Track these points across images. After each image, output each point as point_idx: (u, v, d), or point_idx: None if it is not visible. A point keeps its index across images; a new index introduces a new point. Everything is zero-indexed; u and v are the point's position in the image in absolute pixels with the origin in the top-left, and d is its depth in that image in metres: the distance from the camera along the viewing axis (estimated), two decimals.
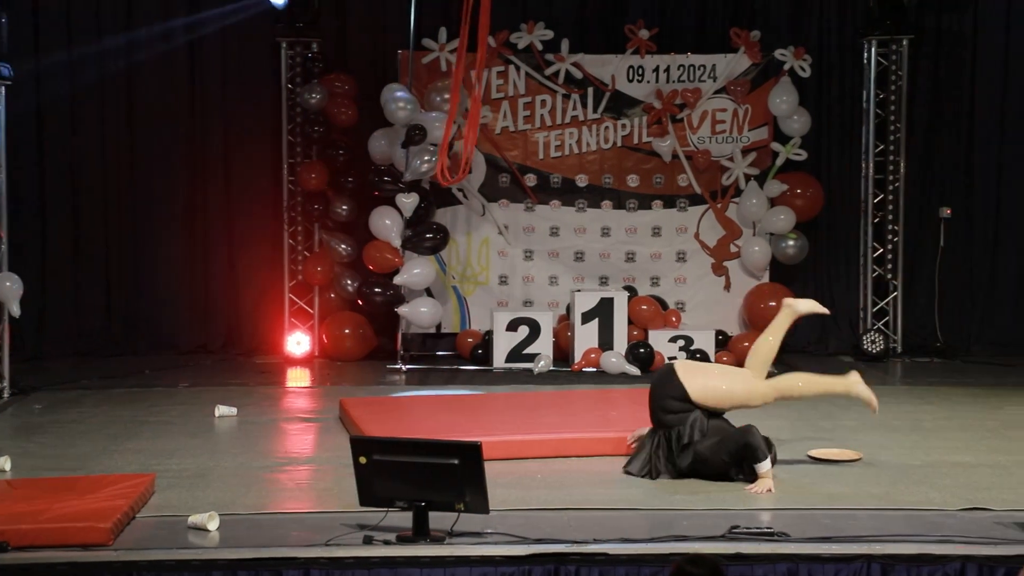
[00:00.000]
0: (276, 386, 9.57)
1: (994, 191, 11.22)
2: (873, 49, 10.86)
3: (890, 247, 11.00)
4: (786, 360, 10.62)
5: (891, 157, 10.97)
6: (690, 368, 6.43)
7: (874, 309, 10.99)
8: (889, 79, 10.91)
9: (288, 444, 7.43)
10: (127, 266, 11.10)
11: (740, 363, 10.22)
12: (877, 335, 10.79)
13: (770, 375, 6.47)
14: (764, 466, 6.00)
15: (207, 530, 5.30)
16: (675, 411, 6.18)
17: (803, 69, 10.76)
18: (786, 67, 10.74)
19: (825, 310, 6.65)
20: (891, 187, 10.99)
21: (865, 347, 10.77)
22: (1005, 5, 11.09)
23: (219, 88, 11.11)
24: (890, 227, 10.98)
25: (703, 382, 6.26)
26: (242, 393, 8.99)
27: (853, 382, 6.43)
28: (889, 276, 10.98)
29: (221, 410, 8.11)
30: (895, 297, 10.98)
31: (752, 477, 6.04)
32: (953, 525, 5.38)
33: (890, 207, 10.99)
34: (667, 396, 6.23)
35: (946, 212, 11.01)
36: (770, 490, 5.95)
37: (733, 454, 6.09)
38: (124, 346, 11.04)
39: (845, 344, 11.19)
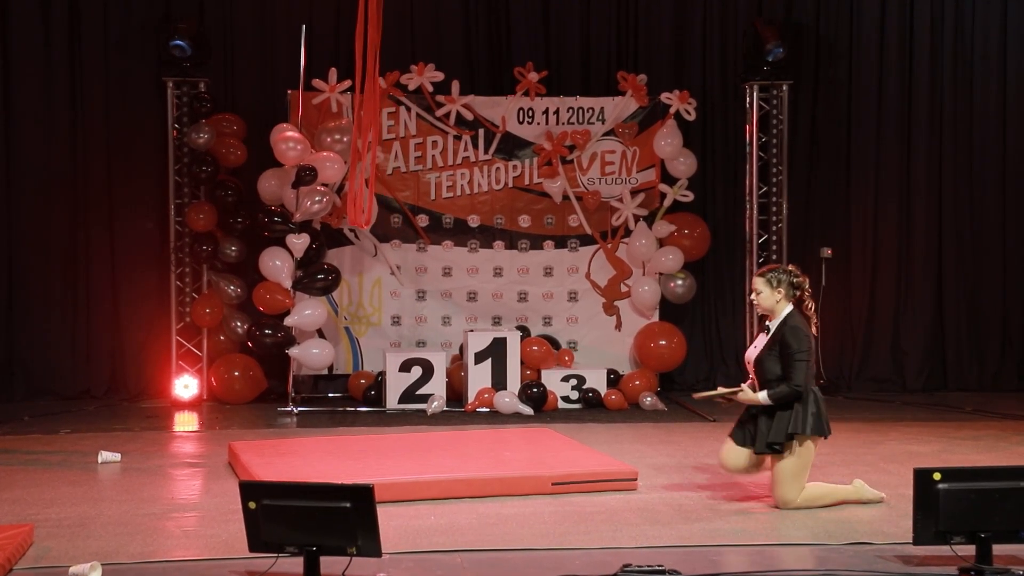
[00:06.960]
0: (163, 431, 9.34)
1: (871, 232, 11.60)
2: (755, 93, 11.18)
3: None
4: (674, 398, 10.85)
5: (774, 199, 11.27)
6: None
7: None
8: (771, 123, 11.23)
9: (175, 490, 7.25)
10: (2, 308, 10.76)
11: (630, 400, 10.44)
12: None
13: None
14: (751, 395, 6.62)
15: None
16: None
17: (688, 112, 11.02)
18: (672, 110, 10.98)
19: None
20: (774, 228, 11.28)
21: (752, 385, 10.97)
22: (878, 53, 11.55)
23: (102, 127, 10.88)
24: None
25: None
26: (127, 438, 8.77)
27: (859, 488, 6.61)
28: None
29: (104, 456, 7.89)
30: None
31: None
32: (837, 559, 5.51)
33: (774, 247, 11.28)
34: None
35: (827, 252, 11.32)
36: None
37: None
38: (0, 392, 10.68)
39: (732, 382, 11.39)
